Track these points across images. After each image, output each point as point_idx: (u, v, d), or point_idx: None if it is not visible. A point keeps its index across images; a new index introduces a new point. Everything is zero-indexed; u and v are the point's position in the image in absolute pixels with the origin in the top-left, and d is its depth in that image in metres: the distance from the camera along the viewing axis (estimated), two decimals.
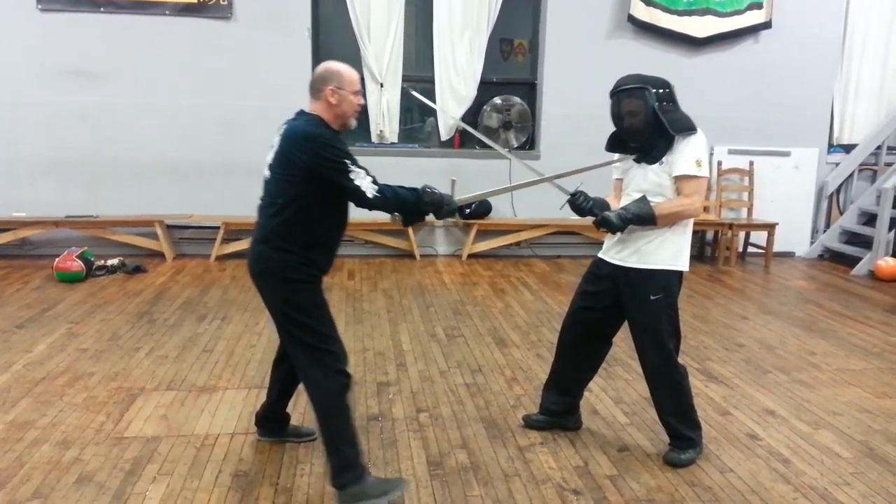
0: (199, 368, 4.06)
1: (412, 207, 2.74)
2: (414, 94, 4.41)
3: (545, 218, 7.21)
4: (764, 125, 7.70)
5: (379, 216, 2.74)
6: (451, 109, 7.20)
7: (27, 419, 3.35)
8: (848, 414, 3.71)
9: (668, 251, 3.03)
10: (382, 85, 7.10)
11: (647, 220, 2.96)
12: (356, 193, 2.59)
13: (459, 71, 7.23)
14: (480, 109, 7.42)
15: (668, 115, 2.94)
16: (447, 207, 2.79)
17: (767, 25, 7.50)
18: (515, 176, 7.04)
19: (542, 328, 5.01)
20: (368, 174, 2.61)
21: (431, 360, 4.33)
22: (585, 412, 3.49)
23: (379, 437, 3.29)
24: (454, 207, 2.83)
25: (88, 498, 2.71)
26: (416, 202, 2.73)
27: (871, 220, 7.59)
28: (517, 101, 7.48)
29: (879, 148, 8.06)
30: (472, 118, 7.37)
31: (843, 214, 8.07)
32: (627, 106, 2.98)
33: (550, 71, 7.41)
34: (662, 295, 3.03)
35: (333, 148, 2.59)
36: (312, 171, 2.56)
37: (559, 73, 7.39)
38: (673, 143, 2.97)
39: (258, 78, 6.87)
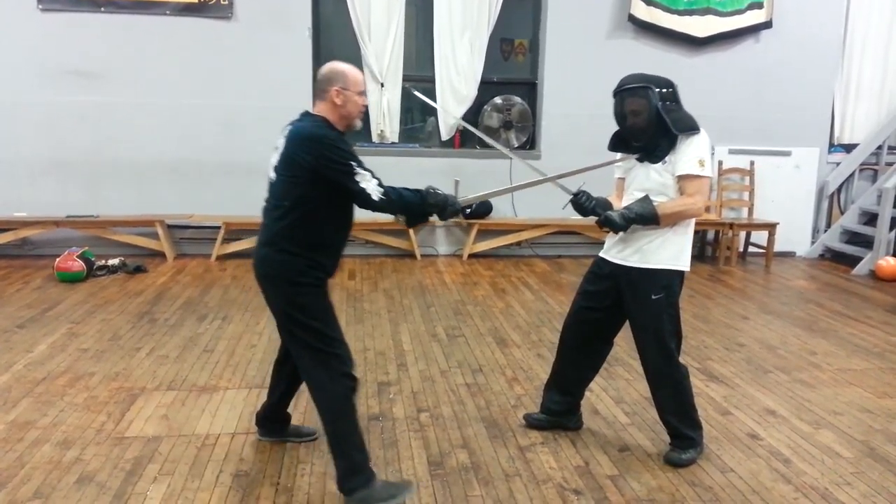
0: (199, 368, 4.07)
1: (416, 209, 2.73)
2: (416, 94, 4.40)
3: (546, 218, 7.22)
4: (764, 125, 7.70)
5: (380, 216, 2.74)
6: (451, 109, 7.20)
7: (28, 419, 3.35)
8: (849, 414, 3.71)
9: (669, 251, 3.03)
10: (383, 85, 7.10)
11: (650, 219, 2.96)
12: (361, 196, 2.57)
13: (460, 71, 7.23)
14: (481, 109, 7.42)
15: (671, 114, 2.94)
16: (451, 208, 2.77)
17: (768, 25, 7.50)
18: (516, 176, 7.05)
19: (542, 328, 5.01)
20: (374, 176, 2.59)
21: (432, 359, 4.33)
22: (586, 412, 3.49)
23: (380, 436, 3.28)
24: (458, 208, 2.82)
25: (89, 498, 2.71)
26: (420, 204, 2.71)
27: (871, 219, 7.59)
28: (518, 100, 7.48)
29: (880, 147, 8.06)
30: (472, 118, 7.37)
31: (843, 214, 8.07)
32: (631, 105, 2.97)
33: (551, 71, 7.41)
34: (664, 294, 3.03)
35: (339, 149, 2.57)
36: (318, 172, 2.55)
37: (559, 72, 7.39)
38: (676, 142, 2.96)
39: (258, 78, 6.88)
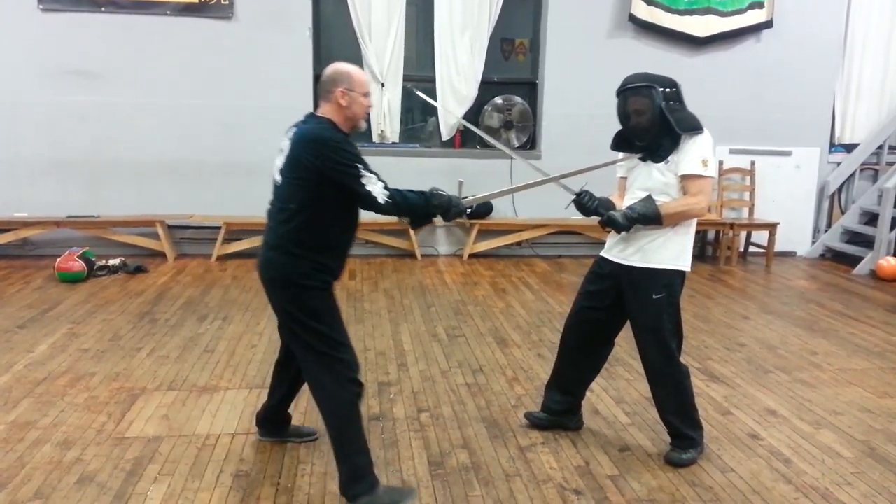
0: (200, 368, 4.07)
1: (421, 211, 2.72)
2: (419, 94, 4.41)
3: (546, 218, 7.21)
4: (765, 125, 7.69)
5: (380, 216, 2.73)
6: (452, 109, 7.20)
7: (28, 419, 3.36)
8: (849, 414, 3.71)
9: (671, 250, 3.02)
10: (383, 85, 7.10)
11: (652, 219, 2.96)
12: (367, 199, 2.57)
13: (460, 70, 7.23)
14: (481, 109, 7.41)
15: (674, 113, 2.94)
16: (455, 209, 2.76)
17: (769, 25, 7.49)
18: (517, 176, 7.05)
19: (543, 328, 5.00)
20: (380, 179, 2.58)
21: (432, 359, 4.32)
22: (586, 412, 3.49)
23: (380, 437, 3.28)
24: (462, 209, 2.81)
25: (90, 498, 2.71)
26: (425, 206, 2.71)
27: (872, 219, 7.58)
28: (518, 100, 7.47)
29: (881, 147, 8.05)
30: (473, 118, 7.37)
31: (844, 214, 8.06)
32: (634, 104, 2.97)
33: (551, 70, 7.41)
34: (665, 294, 3.02)
35: (345, 152, 2.56)
36: (324, 175, 2.53)
37: (560, 72, 7.39)
38: (679, 142, 2.96)
39: (258, 78, 6.88)
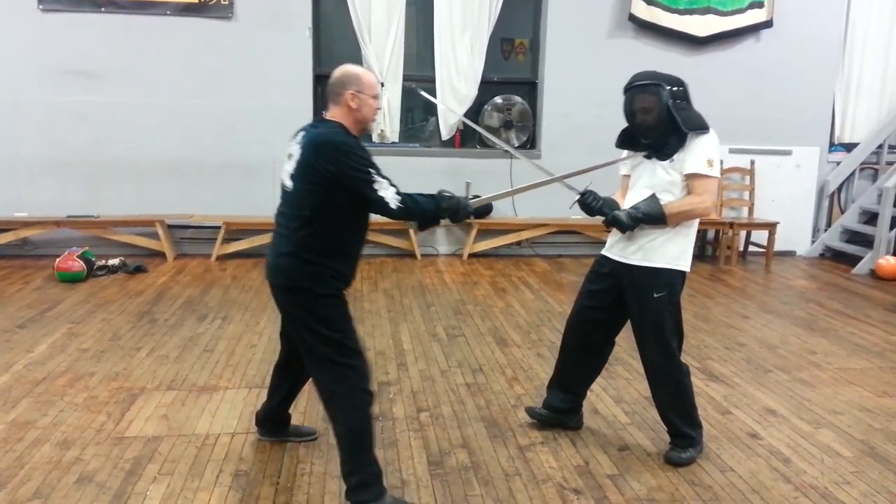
0: (199, 368, 4.07)
1: (431, 216, 2.71)
2: (422, 94, 4.41)
3: (546, 217, 7.22)
4: (765, 124, 7.69)
5: (380, 216, 2.72)
6: (453, 108, 7.20)
7: (28, 419, 3.36)
8: (849, 413, 3.71)
9: (672, 250, 3.02)
10: (383, 84, 7.09)
11: (657, 218, 2.95)
12: (380, 204, 2.55)
13: (460, 70, 7.23)
14: (481, 109, 7.42)
15: (681, 112, 2.94)
16: (463, 211, 2.75)
17: (768, 24, 7.49)
18: (516, 175, 7.06)
19: (542, 327, 5.00)
20: (391, 184, 2.57)
21: (432, 359, 4.33)
22: (586, 411, 3.49)
23: (380, 436, 3.27)
24: (470, 211, 2.80)
25: (89, 498, 2.71)
26: (435, 210, 2.69)
27: (872, 218, 7.58)
28: (518, 100, 7.47)
29: (881, 147, 8.05)
30: (473, 117, 7.36)
31: (844, 213, 8.06)
32: (641, 102, 2.97)
33: (551, 70, 7.41)
34: (666, 293, 3.02)
35: (359, 157, 2.54)
36: (337, 180, 2.51)
37: (560, 72, 7.39)
38: (685, 140, 2.96)
39: (258, 78, 6.88)
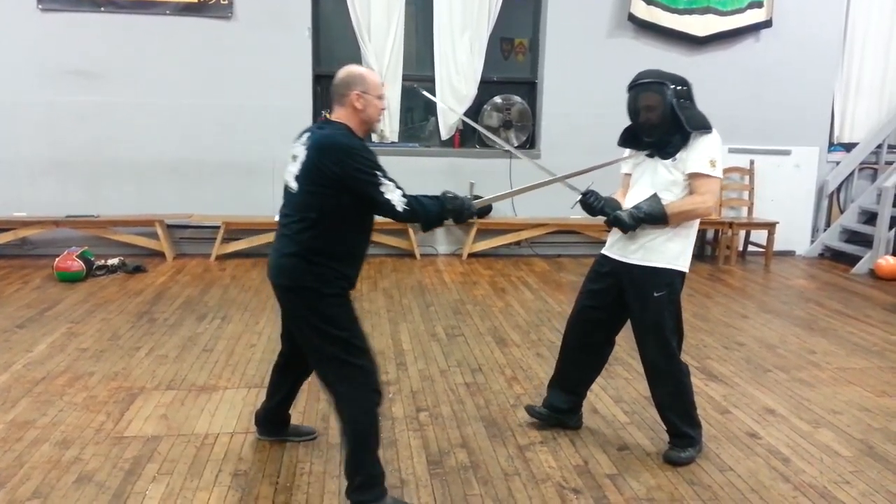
0: (199, 368, 4.07)
1: (437, 218, 2.71)
2: (424, 93, 4.43)
3: (545, 217, 7.22)
4: (764, 124, 7.69)
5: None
6: (452, 108, 7.20)
7: (27, 419, 3.36)
8: (848, 412, 3.71)
9: (672, 249, 3.02)
10: (383, 84, 7.08)
11: (659, 218, 2.95)
12: (386, 207, 2.55)
13: (460, 70, 7.23)
14: (481, 108, 7.42)
15: (685, 111, 2.94)
16: (467, 212, 2.75)
17: (768, 24, 7.49)
18: (515, 175, 7.07)
19: (542, 327, 5.01)
20: (398, 186, 2.57)
21: (431, 359, 4.33)
22: (585, 411, 3.49)
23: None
24: (474, 212, 2.80)
25: (88, 497, 2.71)
26: (440, 212, 2.69)
27: (871, 218, 7.58)
28: (517, 100, 7.47)
29: (880, 146, 8.05)
30: (472, 117, 7.35)
31: (843, 213, 8.06)
32: (645, 100, 2.97)
33: (551, 70, 7.41)
34: (666, 292, 3.02)
35: (366, 159, 2.54)
36: (343, 183, 2.51)
37: (559, 72, 7.39)
38: (688, 140, 2.96)
39: (258, 78, 6.87)
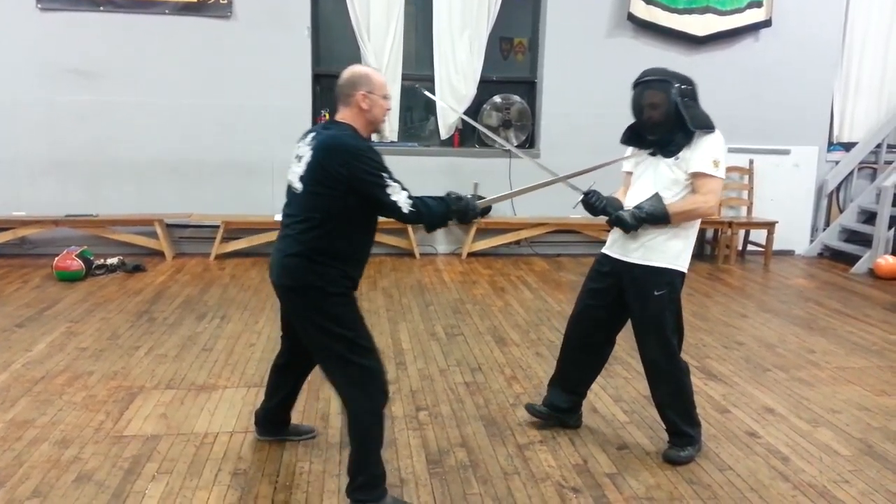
0: (198, 367, 4.07)
1: (441, 219, 2.71)
2: (425, 92, 4.44)
3: (545, 216, 7.22)
4: (764, 123, 7.69)
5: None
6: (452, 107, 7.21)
7: (26, 418, 3.36)
8: (847, 412, 3.71)
9: (672, 249, 3.02)
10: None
11: (660, 218, 2.95)
12: (392, 208, 2.54)
13: (459, 69, 7.23)
14: (480, 108, 7.42)
15: (689, 110, 2.94)
16: (471, 212, 2.76)
17: (767, 24, 7.49)
18: (515, 174, 7.07)
19: (541, 326, 5.01)
20: (403, 188, 2.56)
21: (431, 358, 4.33)
22: (585, 410, 3.49)
23: None
24: (478, 212, 2.80)
25: (88, 496, 2.71)
26: (445, 213, 2.69)
27: (870, 218, 7.58)
28: (517, 99, 7.47)
29: (879, 146, 8.05)
30: (471, 117, 7.34)
31: (842, 212, 8.06)
32: (650, 98, 2.97)
33: (550, 70, 7.41)
34: (666, 291, 3.02)
35: (372, 161, 2.53)
36: (349, 184, 2.50)
37: (559, 71, 7.39)
38: (692, 139, 2.96)
39: (258, 78, 6.87)
